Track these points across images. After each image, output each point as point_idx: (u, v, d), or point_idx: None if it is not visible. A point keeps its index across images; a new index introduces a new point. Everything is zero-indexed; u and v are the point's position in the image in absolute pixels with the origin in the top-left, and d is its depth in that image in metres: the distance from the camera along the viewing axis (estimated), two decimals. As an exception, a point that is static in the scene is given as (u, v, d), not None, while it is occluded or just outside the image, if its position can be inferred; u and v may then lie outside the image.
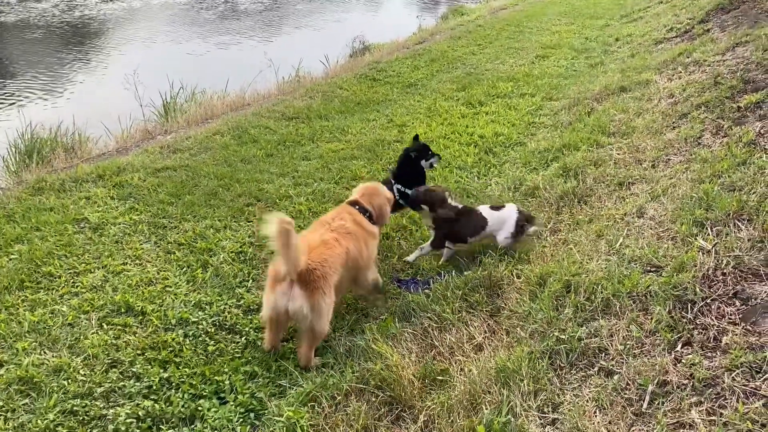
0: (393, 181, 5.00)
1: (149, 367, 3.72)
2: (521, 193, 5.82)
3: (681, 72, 7.82)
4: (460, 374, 3.34)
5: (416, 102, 9.26)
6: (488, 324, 3.84)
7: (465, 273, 4.37)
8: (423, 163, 4.90)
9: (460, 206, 4.86)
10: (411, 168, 4.91)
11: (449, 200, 4.81)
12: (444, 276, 4.54)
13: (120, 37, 18.21)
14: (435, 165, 4.97)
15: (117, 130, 9.11)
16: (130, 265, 4.83)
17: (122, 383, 3.58)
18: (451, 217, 4.72)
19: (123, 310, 4.23)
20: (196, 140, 7.55)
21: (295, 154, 7.15)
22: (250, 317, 4.22)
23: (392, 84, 10.35)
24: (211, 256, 4.91)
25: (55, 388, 3.48)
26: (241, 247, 5.06)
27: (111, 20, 20.00)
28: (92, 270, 4.73)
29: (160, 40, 17.83)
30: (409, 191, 4.89)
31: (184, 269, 4.77)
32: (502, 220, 4.74)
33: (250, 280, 4.63)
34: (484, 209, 4.84)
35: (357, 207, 4.34)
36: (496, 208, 4.85)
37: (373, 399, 3.24)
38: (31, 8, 20.37)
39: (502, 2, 20.54)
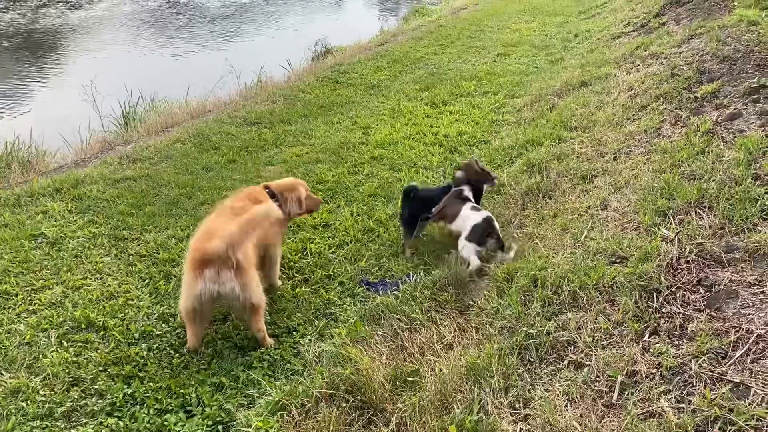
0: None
1: (112, 383, 3.60)
2: (487, 190, 5.81)
3: (639, 65, 7.93)
4: (431, 374, 3.31)
5: (380, 103, 9.23)
6: (458, 322, 3.82)
7: (433, 272, 4.34)
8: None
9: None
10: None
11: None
12: (413, 276, 4.51)
13: (83, 46, 17.82)
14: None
15: (76, 141, 8.89)
16: (90, 279, 4.69)
17: (84, 401, 3.46)
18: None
19: (83, 326, 4.10)
20: (157, 149, 7.39)
21: (258, 159, 7.05)
22: (215, 327, 4.13)
23: (355, 86, 10.30)
24: (173, 267, 4.80)
25: (13, 411, 3.34)
26: (204, 256, 4.95)
27: (75, 29, 19.57)
28: (50, 286, 4.58)
29: (122, 48, 17.48)
30: None
31: (147, 281, 4.65)
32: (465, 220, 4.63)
33: (215, 290, 4.53)
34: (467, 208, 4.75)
35: (267, 190, 4.47)
36: (476, 209, 4.74)
37: (344, 404, 3.17)
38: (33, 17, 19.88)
39: (462, 2, 20.64)
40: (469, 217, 4.62)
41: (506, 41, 13.17)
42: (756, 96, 5.07)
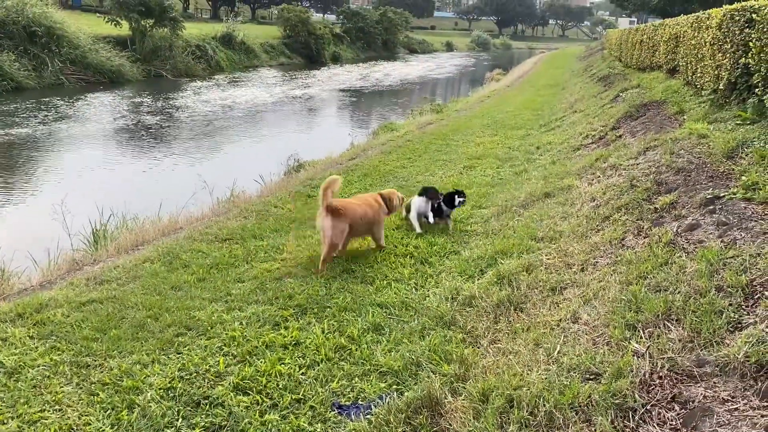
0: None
1: None
2: (459, 303, 5.81)
3: (600, 176, 8.25)
4: (407, 508, 3.15)
5: (351, 217, 9.34)
6: (433, 448, 3.69)
7: (406, 394, 4.23)
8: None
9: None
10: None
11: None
12: (386, 398, 4.39)
13: (63, 163, 18.09)
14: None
15: (45, 261, 8.77)
16: (49, 411, 4.46)
17: None
18: None
19: (37, 465, 3.86)
20: (125, 269, 7.30)
21: (228, 276, 6.99)
22: (180, 461, 3.91)
23: (327, 200, 10.45)
24: (137, 395, 4.60)
25: None
26: (170, 382, 4.76)
27: (60, 144, 20.01)
28: (5, 421, 4.34)
29: (102, 164, 17.75)
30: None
31: (108, 412, 4.43)
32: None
33: (180, 419, 4.33)
34: None
35: (381, 197, 7.79)
36: None
37: None
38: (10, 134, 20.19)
39: (428, 117, 21.60)
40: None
41: (471, 154, 13.66)
42: (712, 207, 5.28)
